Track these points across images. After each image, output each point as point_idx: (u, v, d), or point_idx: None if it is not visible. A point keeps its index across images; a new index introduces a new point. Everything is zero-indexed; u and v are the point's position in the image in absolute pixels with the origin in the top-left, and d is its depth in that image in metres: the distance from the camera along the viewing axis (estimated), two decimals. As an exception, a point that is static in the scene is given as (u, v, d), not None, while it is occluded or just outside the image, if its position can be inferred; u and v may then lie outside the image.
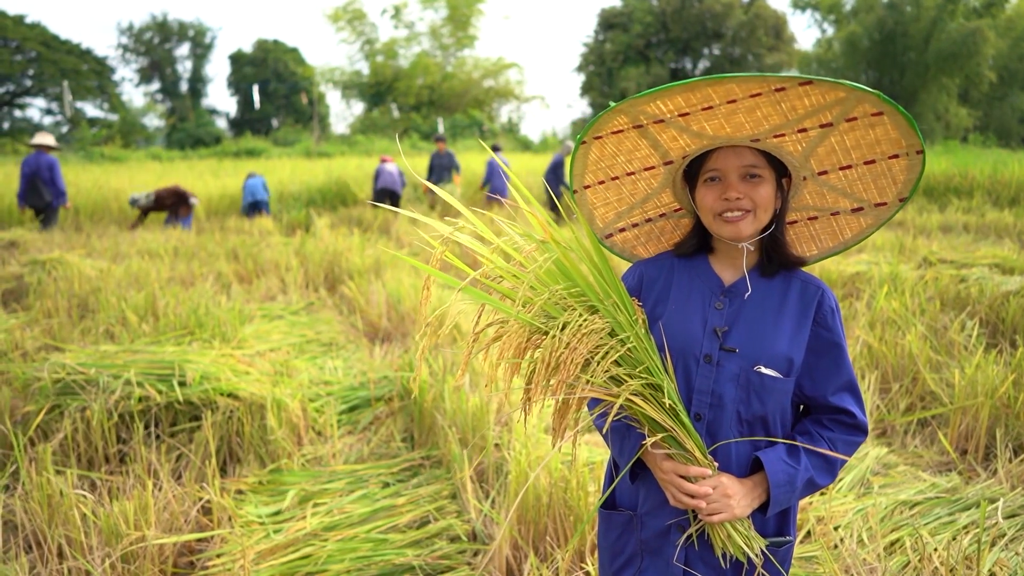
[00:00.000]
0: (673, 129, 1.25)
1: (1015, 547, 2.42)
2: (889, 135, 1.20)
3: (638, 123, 1.26)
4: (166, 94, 50.52)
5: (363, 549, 2.54)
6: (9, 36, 37.70)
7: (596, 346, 1.23)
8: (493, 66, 43.89)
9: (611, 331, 1.26)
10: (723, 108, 1.17)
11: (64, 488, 2.55)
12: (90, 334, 4.58)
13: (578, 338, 1.21)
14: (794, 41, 42.26)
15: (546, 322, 1.26)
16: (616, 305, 1.28)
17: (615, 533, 1.43)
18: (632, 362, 1.26)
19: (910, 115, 1.15)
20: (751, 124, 1.20)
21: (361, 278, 6.40)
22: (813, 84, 1.11)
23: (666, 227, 1.51)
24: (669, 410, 1.25)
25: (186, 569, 2.52)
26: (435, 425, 3.39)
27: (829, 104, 1.15)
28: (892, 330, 4.27)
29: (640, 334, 1.28)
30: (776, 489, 1.26)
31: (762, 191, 1.27)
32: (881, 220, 1.36)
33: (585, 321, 1.24)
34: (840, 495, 2.79)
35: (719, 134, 1.23)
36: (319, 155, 24.60)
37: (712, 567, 1.32)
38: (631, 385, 1.23)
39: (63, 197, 9.09)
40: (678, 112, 1.21)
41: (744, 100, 1.15)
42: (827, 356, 1.32)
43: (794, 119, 1.18)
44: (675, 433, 1.25)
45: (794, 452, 1.30)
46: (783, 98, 1.14)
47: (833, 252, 1.46)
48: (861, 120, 1.18)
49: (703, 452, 1.27)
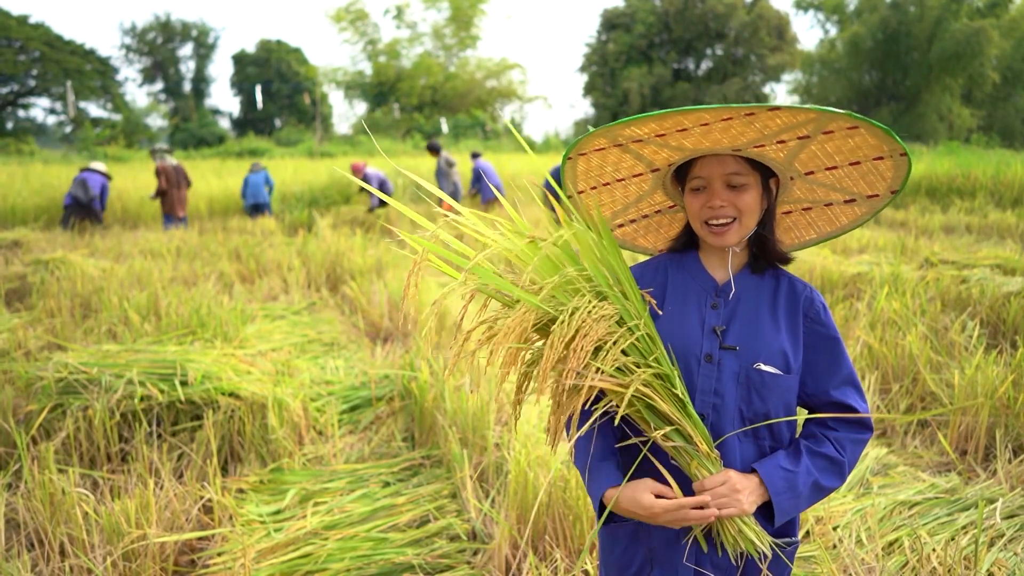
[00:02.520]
0: (653, 146, 1.28)
1: (1014, 547, 2.42)
2: (868, 142, 1.20)
3: (617, 143, 1.29)
4: (169, 94, 50.61)
5: (363, 548, 2.55)
6: (13, 36, 37.81)
7: (606, 334, 1.19)
8: (496, 66, 43.92)
9: (619, 319, 1.24)
10: (697, 129, 1.19)
11: (66, 486, 2.57)
12: (93, 334, 4.60)
13: (589, 324, 1.18)
14: (797, 42, 42.18)
15: (555, 307, 1.23)
16: (624, 293, 1.28)
17: (620, 546, 1.40)
18: (641, 351, 1.24)
19: (887, 127, 1.15)
20: (728, 139, 1.21)
21: (363, 278, 6.41)
22: (781, 110, 1.12)
23: (663, 221, 1.53)
24: (678, 402, 1.23)
25: (187, 567, 2.54)
26: (435, 425, 3.40)
27: (801, 123, 1.16)
28: (893, 331, 4.27)
29: (648, 322, 1.28)
30: (777, 497, 1.24)
31: (747, 198, 1.27)
32: (875, 208, 1.36)
33: (595, 307, 1.21)
34: (839, 495, 2.79)
35: (699, 147, 1.25)
36: (322, 155, 24.63)
37: (721, 569, 1.30)
38: (641, 375, 1.20)
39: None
40: (654, 134, 1.23)
41: (716, 123, 1.16)
42: (825, 351, 1.32)
43: (770, 134, 1.19)
44: (682, 426, 1.22)
45: (794, 457, 1.29)
46: (755, 119, 1.15)
47: (830, 236, 1.46)
48: (838, 132, 1.19)
49: (709, 445, 1.24)
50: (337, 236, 8.34)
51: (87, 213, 9.70)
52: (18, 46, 38.67)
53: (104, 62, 43.12)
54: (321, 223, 9.70)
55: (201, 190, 12.11)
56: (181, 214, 10.05)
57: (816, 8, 35.95)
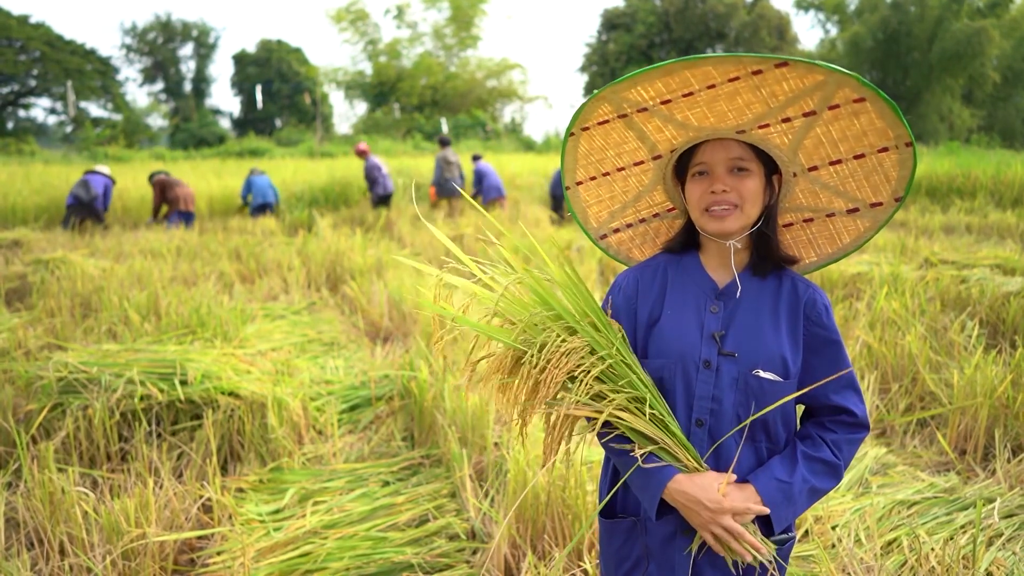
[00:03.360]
0: (657, 119, 1.25)
1: (1012, 546, 2.42)
2: (875, 124, 1.18)
3: (622, 112, 1.26)
4: (170, 94, 50.62)
5: (362, 547, 2.55)
6: (13, 36, 37.83)
7: (576, 365, 1.26)
8: (496, 66, 43.92)
9: (591, 349, 1.28)
10: (703, 95, 1.18)
11: (66, 486, 2.57)
12: (93, 333, 4.61)
13: (557, 357, 1.25)
14: (797, 42, 42.15)
15: (526, 344, 1.30)
16: (593, 324, 1.31)
17: (619, 540, 1.41)
18: (614, 378, 1.28)
19: (892, 100, 1.13)
20: (734, 113, 1.19)
21: (363, 278, 6.41)
22: (790, 66, 1.11)
23: (660, 228, 1.50)
24: (658, 421, 1.26)
25: (186, 566, 2.54)
26: (435, 424, 3.41)
27: (809, 89, 1.14)
28: (892, 330, 4.27)
29: (621, 349, 1.29)
30: (775, 509, 1.25)
31: (749, 184, 1.26)
32: (879, 222, 1.33)
33: (563, 341, 1.27)
34: (838, 495, 2.79)
35: (704, 124, 1.23)
36: (322, 155, 24.63)
37: (718, 567, 1.31)
38: (615, 400, 1.25)
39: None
40: (660, 99, 1.21)
41: (723, 85, 1.15)
42: (825, 354, 1.31)
43: (776, 107, 1.17)
44: (665, 445, 1.25)
45: (789, 464, 1.28)
46: (762, 83, 1.14)
47: (832, 259, 1.43)
48: (844, 108, 1.17)
49: (698, 461, 1.26)
50: (337, 236, 8.34)
51: (89, 212, 9.77)
52: (19, 46, 38.69)
53: (105, 62, 43.12)
54: (321, 223, 9.70)
55: (201, 190, 12.10)
56: (191, 208, 10.18)
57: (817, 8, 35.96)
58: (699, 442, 1.29)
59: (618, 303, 1.41)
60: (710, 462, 1.29)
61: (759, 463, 1.31)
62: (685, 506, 1.25)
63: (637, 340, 1.38)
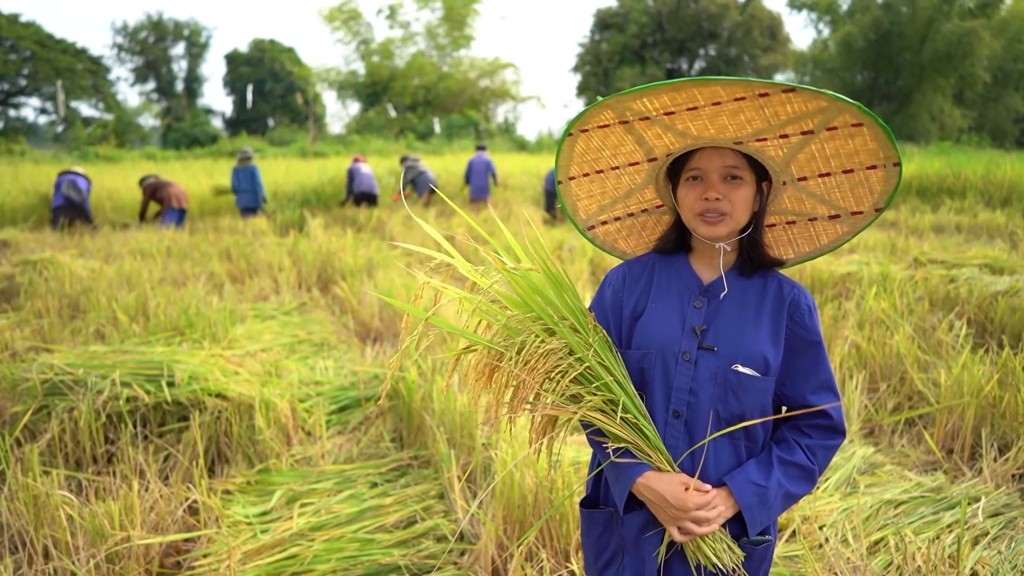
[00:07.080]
0: (658, 127, 1.27)
1: (998, 545, 2.44)
2: (867, 146, 1.22)
3: (624, 119, 1.28)
4: (161, 93, 50.43)
5: (350, 549, 2.54)
6: (4, 35, 37.60)
7: (555, 367, 1.28)
8: (489, 66, 43.86)
9: (570, 350, 1.30)
10: (708, 109, 1.19)
11: (50, 489, 2.55)
12: (80, 334, 4.57)
13: (535, 358, 1.26)
14: (789, 42, 42.37)
15: (506, 345, 1.31)
16: (573, 326, 1.32)
17: (597, 531, 1.44)
18: (590, 380, 1.30)
19: (889, 128, 1.17)
20: (734, 127, 1.21)
21: (353, 278, 6.39)
22: (796, 92, 1.13)
23: (648, 222, 1.53)
24: (631, 424, 1.29)
25: (172, 569, 2.52)
26: (424, 425, 3.40)
27: (811, 112, 1.17)
28: (881, 330, 4.29)
29: (599, 351, 1.31)
30: (748, 512, 1.27)
31: (741, 193, 1.29)
32: (856, 228, 1.39)
33: (542, 343, 1.28)
34: (826, 495, 2.80)
35: (703, 135, 1.25)
36: (315, 155, 24.55)
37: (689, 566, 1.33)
38: (590, 401, 1.27)
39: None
40: (664, 111, 1.23)
41: (728, 103, 1.17)
42: (806, 355, 1.33)
43: (776, 124, 1.20)
44: (636, 445, 1.28)
45: (765, 467, 1.30)
46: (766, 103, 1.16)
47: (809, 257, 1.48)
48: (841, 130, 1.20)
49: (670, 463, 1.29)
50: (328, 236, 8.32)
51: (79, 213, 9.77)
52: (9, 45, 38.46)
53: (96, 61, 42.93)
54: (312, 223, 9.67)
55: (193, 190, 12.04)
56: (184, 204, 10.18)
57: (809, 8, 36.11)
58: (676, 433, 1.32)
59: (607, 297, 1.45)
60: (686, 460, 1.32)
61: (738, 462, 1.33)
62: (652, 502, 1.28)
63: (622, 333, 1.41)
